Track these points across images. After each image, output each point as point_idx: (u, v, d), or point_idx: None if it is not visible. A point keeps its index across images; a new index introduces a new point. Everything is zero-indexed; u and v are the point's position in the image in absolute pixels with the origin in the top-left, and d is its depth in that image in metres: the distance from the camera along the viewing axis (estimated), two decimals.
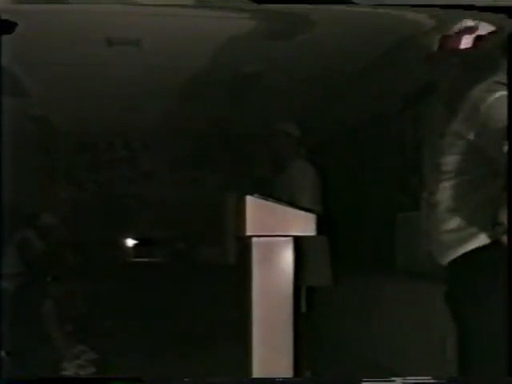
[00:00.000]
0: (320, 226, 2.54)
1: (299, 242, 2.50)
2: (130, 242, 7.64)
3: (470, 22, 2.47)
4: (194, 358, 4.83)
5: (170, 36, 3.91)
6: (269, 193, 2.89)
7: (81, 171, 7.79)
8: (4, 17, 3.10)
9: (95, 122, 6.78)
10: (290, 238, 2.37)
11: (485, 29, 2.46)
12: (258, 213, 2.31)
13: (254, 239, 2.33)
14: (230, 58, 4.39)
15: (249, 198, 2.33)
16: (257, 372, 2.28)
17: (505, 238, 2.13)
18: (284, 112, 6.04)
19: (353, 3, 3.01)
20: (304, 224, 2.37)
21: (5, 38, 3.13)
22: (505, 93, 2.16)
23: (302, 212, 2.39)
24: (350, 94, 5.07)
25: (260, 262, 2.34)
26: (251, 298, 2.32)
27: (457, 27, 2.48)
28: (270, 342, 2.31)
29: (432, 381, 2.69)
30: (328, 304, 5.11)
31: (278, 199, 2.59)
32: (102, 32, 3.86)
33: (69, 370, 4.52)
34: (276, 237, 2.36)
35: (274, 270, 2.34)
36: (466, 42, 2.45)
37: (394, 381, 2.72)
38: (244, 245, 2.49)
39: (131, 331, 5.81)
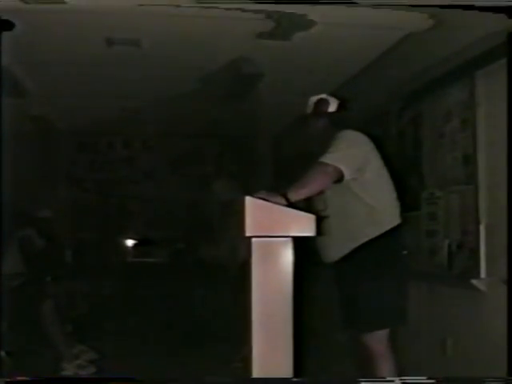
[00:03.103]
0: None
1: None
2: (130, 242, 7.64)
3: (321, 96, 3.35)
4: (194, 358, 4.83)
5: (169, 36, 3.91)
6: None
7: (81, 171, 7.79)
8: (5, 17, 3.10)
9: (95, 122, 6.78)
10: (290, 238, 2.37)
11: (334, 100, 3.34)
12: (257, 213, 2.31)
13: (254, 239, 2.33)
14: (230, 58, 4.39)
15: (248, 199, 2.34)
16: (257, 372, 2.28)
17: None
18: (284, 112, 6.05)
19: (353, 3, 3.02)
20: (304, 224, 2.37)
21: (5, 37, 3.13)
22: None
23: (302, 212, 2.38)
24: (349, 94, 5.06)
25: (260, 262, 2.34)
26: (251, 297, 2.32)
27: (318, 97, 3.35)
28: (270, 342, 2.31)
29: (431, 381, 2.69)
30: (327, 303, 5.11)
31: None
32: (102, 32, 3.86)
33: (69, 370, 4.52)
34: (276, 237, 2.36)
35: (274, 270, 2.34)
36: (333, 106, 3.32)
37: (393, 381, 2.72)
38: (244, 245, 2.49)
39: (131, 331, 5.82)
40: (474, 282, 3.58)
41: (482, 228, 3.56)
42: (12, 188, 4.02)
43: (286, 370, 2.29)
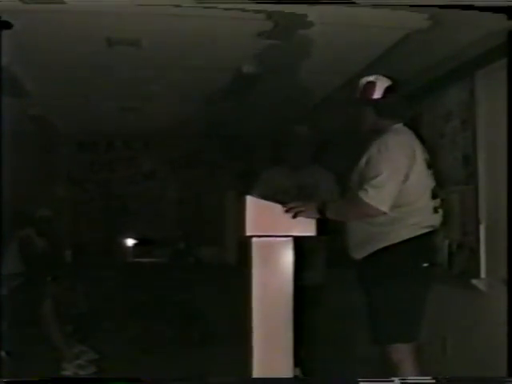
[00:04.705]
0: (320, 225, 2.54)
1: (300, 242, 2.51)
2: (130, 242, 7.64)
3: (370, 78, 3.00)
4: (194, 358, 4.83)
5: (170, 36, 3.91)
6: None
7: (81, 171, 7.79)
8: (4, 17, 3.10)
9: (95, 122, 6.77)
10: (290, 238, 2.37)
11: (383, 82, 2.98)
12: (258, 213, 2.32)
13: (254, 239, 2.34)
14: (230, 58, 4.39)
15: (249, 198, 2.34)
16: (257, 372, 2.29)
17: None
18: (284, 112, 6.05)
19: (353, 3, 3.02)
20: (304, 224, 2.38)
21: (5, 37, 3.13)
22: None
23: None
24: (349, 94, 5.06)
25: (260, 262, 2.34)
26: (251, 297, 2.32)
27: (367, 79, 3.01)
28: (270, 342, 2.31)
29: (432, 381, 2.69)
30: (327, 303, 5.11)
31: None
32: (102, 32, 3.86)
33: (69, 370, 4.52)
34: (276, 237, 2.36)
35: (274, 269, 2.34)
36: (379, 92, 2.95)
37: (392, 381, 2.72)
38: (244, 245, 2.49)
39: (131, 331, 5.81)
40: (474, 281, 3.58)
41: (481, 228, 3.55)
42: (12, 188, 4.02)
43: (286, 370, 2.29)
